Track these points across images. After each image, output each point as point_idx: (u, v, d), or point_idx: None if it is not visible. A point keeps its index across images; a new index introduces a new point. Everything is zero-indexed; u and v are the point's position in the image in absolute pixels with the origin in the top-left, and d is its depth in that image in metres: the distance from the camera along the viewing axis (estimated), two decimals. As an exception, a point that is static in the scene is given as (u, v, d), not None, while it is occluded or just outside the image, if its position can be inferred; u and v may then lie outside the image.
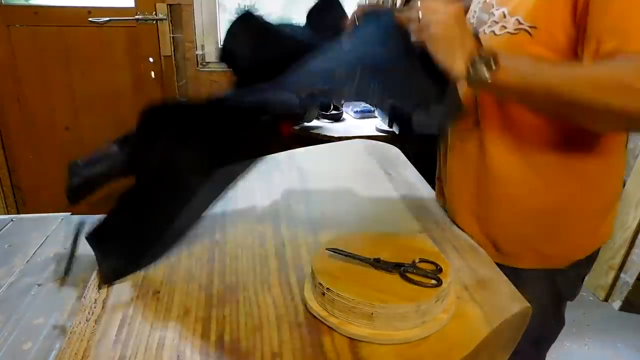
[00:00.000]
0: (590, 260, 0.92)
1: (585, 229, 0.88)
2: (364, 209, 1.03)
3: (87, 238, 0.79)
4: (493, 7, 0.79)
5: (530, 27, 0.72)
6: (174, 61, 2.31)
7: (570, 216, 0.85)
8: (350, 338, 0.63)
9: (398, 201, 1.05)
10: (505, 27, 0.76)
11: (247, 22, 0.79)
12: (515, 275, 0.83)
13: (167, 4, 2.22)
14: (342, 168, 1.27)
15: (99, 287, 0.76)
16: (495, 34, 0.77)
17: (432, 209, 1.02)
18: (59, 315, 0.74)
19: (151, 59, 2.30)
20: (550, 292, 0.92)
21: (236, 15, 0.78)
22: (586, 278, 2.45)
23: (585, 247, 0.90)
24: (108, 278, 0.77)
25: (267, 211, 1.01)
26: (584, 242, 0.89)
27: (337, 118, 2.12)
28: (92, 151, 0.83)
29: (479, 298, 0.72)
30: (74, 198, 0.78)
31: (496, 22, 0.77)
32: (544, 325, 0.95)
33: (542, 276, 0.90)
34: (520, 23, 0.73)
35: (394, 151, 1.38)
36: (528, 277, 0.87)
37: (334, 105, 2.15)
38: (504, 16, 0.76)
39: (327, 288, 0.65)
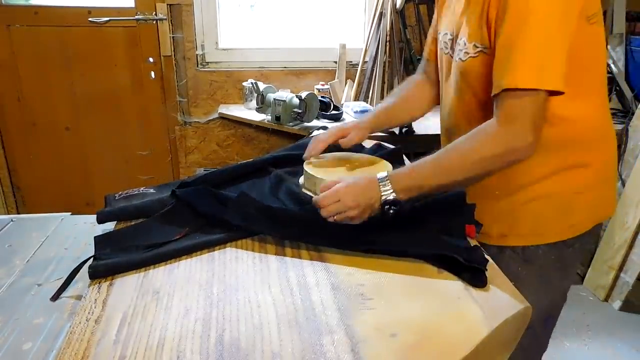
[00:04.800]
0: (592, 234, 1.02)
1: (589, 200, 0.98)
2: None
3: (95, 237, 0.85)
4: (459, 37, 0.96)
5: (484, 47, 0.89)
6: (174, 61, 2.32)
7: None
8: (350, 339, 0.63)
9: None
10: (467, 53, 0.93)
11: None
12: (524, 252, 1.00)
13: (167, 4, 2.22)
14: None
15: (97, 281, 0.76)
16: (462, 60, 0.95)
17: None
18: (59, 315, 0.74)
19: (151, 59, 2.30)
20: (556, 266, 1.02)
21: None
22: (586, 278, 2.43)
23: (584, 222, 1.00)
24: (97, 272, 0.78)
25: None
26: (584, 215, 0.99)
27: (336, 118, 2.11)
28: (128, 188, 1.05)
29: (479, 298, 0.72)
30: (102, 222, 0.94)
31: (461, 50, 0.95)
32: (551, 302, 1.07)
33: (549, 251, 1.00)
34: (476, 47, 0.91)
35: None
36: (536, 253, 1.00)
37: (334, 105, 2.15)
38: (465, 44, 0.93)
39: None
